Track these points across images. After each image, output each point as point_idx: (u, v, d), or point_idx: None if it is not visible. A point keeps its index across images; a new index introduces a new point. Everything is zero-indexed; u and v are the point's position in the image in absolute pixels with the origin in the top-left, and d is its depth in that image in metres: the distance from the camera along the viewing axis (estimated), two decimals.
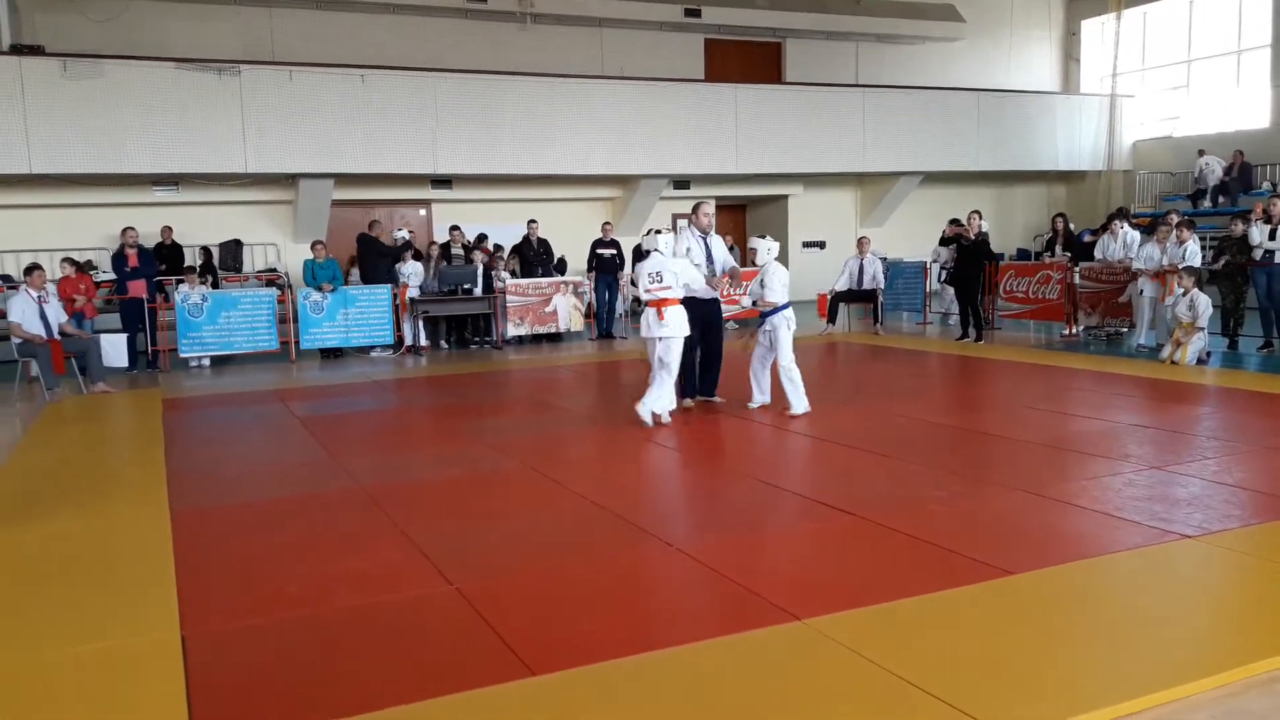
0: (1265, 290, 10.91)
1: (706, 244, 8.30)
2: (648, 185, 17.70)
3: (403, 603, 4.07)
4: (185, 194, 15.28)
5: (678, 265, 7.67)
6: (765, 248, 8.14)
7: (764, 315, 8.07)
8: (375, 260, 13.82)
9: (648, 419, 7.57)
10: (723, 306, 8.62)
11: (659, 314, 7.62)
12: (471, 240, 14.73)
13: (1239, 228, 11.19)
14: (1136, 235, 12.16)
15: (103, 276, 13.63)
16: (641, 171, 17.31)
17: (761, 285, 8.05)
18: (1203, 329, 10.18)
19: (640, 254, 13.67)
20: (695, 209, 8.51)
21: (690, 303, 7.93)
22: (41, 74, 13.41)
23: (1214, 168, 19.35)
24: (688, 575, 4.32)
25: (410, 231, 14.70)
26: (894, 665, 3.30)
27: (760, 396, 8.33)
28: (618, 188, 18.31)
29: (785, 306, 8.00)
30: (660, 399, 7.67)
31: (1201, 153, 19.69)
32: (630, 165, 17.10)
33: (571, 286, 14.48)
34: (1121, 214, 13.61)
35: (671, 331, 7.60)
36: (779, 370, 8.00)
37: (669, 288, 7.60)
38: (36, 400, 10.02)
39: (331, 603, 4.10)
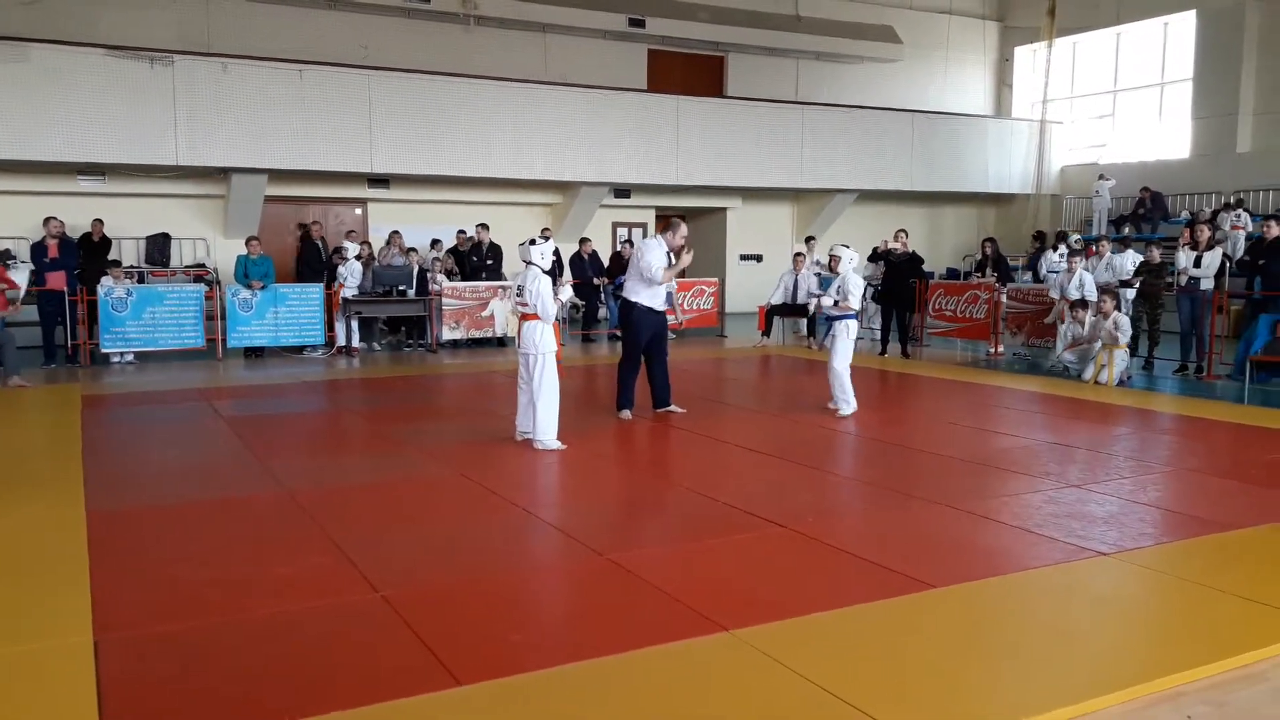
0: (1188, 316, 11.18)
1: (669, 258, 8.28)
2: (588, 192, 17.72)
3: (327, 610, 4.00)
4: (112, 185, 14.86)
5: (535, 284, 7.09)
6: (848, 257, 8.66)
7: (830, 319, 8.62)
8: (305, 267, 13.70)
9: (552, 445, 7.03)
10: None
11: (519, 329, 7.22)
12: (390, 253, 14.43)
13: (1155, 255, 11.60)
14: (1058, 259, 12.56)
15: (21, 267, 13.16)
16: (582, 178, 17.32)
17: (839, 291, 8.59)
18: (1126, 348, 10.53)
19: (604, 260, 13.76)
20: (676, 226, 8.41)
21: (649, 314, 8.11)
22: None
23: (1104, 192, 19.75)
24: (616, 585, 4.32)
25: (363, 243, 14.33)
26: (816, 676, 3.35)
27: (847, 406, 8.54)
28: (558, 194, 18.29)
29: (852, 315, 8.60)
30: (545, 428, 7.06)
31: (1102, 176, 20.12)
32: (571, 172, 17.11)
33: (508, 291, 14.39)
34: (1060, 238, 14.10)
35: (525, 348, 7.11)
36: (829, 372, 8.51)
37: (525, 304, 7.12)
38: None
39: (253, 609, 4.01)
